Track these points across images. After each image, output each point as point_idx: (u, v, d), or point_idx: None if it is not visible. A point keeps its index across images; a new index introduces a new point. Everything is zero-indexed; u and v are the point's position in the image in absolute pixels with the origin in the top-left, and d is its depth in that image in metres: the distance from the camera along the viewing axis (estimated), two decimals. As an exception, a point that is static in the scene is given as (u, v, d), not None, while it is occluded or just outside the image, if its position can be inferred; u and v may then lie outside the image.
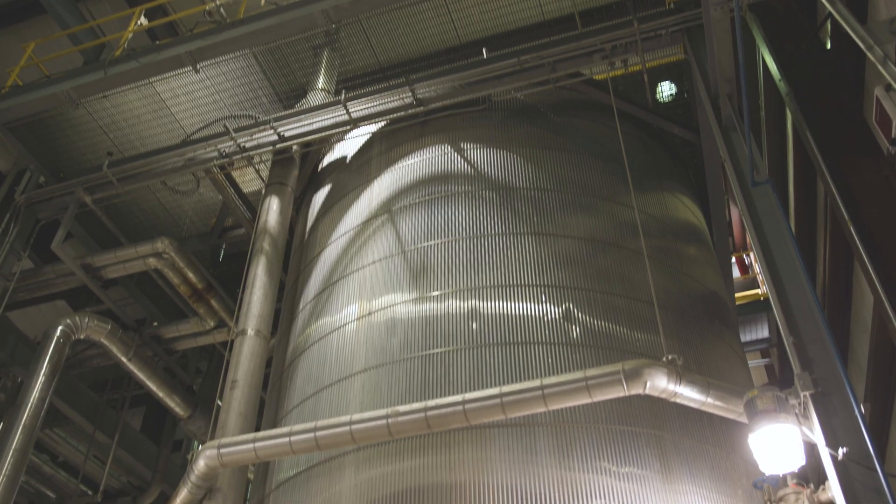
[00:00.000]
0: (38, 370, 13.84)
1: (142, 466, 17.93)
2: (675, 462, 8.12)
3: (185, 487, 8.82)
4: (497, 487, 7.61)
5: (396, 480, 7.97)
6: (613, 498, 7.61)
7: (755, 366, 18.60)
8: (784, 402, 7.04)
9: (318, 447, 7.85)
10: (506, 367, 8.46)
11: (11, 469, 13.19)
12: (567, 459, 7.79)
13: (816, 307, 7.53)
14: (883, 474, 6.49)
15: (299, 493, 8.73)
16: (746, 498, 8.41)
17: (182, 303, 15.83)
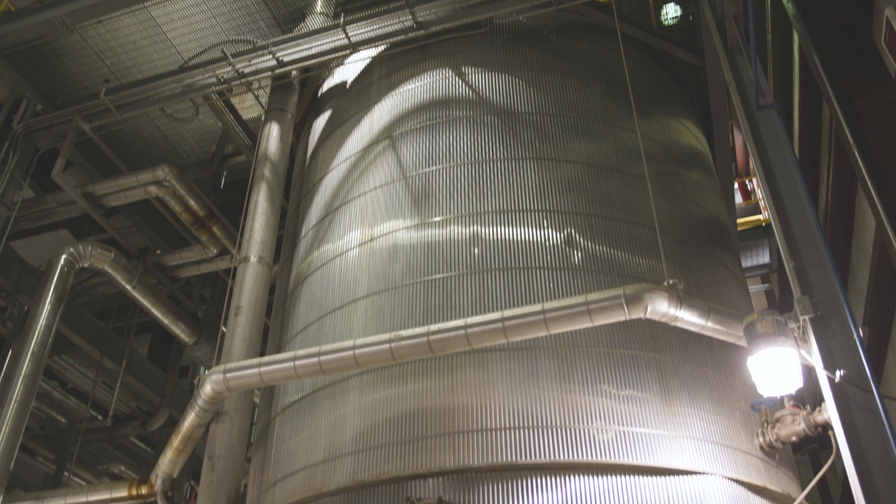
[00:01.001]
0: (44, 298, 13.96)
1: (149, 392, 18.25)
2: (675, 385, 8.24)
3: (192, 411, 8.99)
4: (499, 410, 7.74)
5: (400, 403, 8.10)
6: (613, 420, 7.75)
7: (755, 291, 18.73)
8: (783, 325, 7.11)
9: (322, 371, 7.96)
10: (507, 291, 8.51)
11: (22, 395, 13.43)
12: (568, 382, 7.91)
13: (818, 232, 7.54)
14: (878, 396, 6.59)
15: (304, 416, 8.90)
16: (744, 420, 8.56)
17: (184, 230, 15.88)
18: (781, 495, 8.23)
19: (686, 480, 7.59)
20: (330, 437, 8.37)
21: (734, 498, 7.77)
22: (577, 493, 7.25)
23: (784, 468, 8.73)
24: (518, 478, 7.32)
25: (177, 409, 17.41)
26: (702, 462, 7.79)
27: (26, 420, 13.43)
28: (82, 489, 13.40)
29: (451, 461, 7.50)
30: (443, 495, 7.25)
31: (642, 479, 7.46)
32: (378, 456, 7.84)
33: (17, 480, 15.06)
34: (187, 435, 9.36)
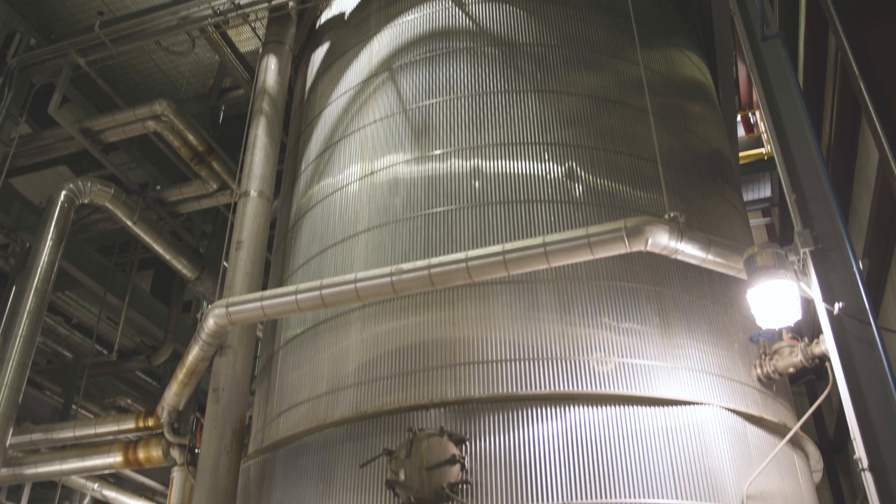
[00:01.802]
0: (46, 235, 13.99)
1: (153, 327, 18.41)
2: (674, 317, 8.31)
3: (196, 345, 9.08)
4: (500, 342, 7.82)
5: (401, 336, 8.18)
6: (613, 351, 7.84)
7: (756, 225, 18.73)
8: (783, 258, 7.12)
9: (323, 305, 8.01)
10: (509, 224, 8.51)
11: (27, 330, 13.57)
12: (568, 315, 7.97)
13: (821, 165, 7.49)
14: (876, 328, 6.63)
15: (307, 349, 9.00)
16: (742, 351, 8.65)
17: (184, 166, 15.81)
18: (778, 425, 8.36)
19: (684, 411, 7.71)
20: (333, 370, 8.48)
21: (731, 428, 7.90)
22: (576, 423, 7.37)
23: (781, 399, 8.86)
24: (518, 408, 7.44)
25: (181, 344, 17.58)
26: (700, 393, 7.91)
27: (32, 355, 13.59)
28: (90, 422, 13.65)
29: (453, 392, 7.61)
30: (445, 425, 7.38)
31: (641, 410, 7.58)
32: (380, 388, 7.95)
33: (27, 413, 15.32)
34: (191, 368, 9.48)
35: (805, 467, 9.01)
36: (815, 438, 9.56)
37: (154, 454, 11.67)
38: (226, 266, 10.21)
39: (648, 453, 7.37)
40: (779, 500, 7.86)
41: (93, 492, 17.29)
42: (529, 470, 7.12)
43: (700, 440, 7.62)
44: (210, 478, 8.32)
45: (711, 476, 7.47)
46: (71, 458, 13.42)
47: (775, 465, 8.02)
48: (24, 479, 14.36)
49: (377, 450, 7.52)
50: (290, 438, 8.44)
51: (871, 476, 6.21)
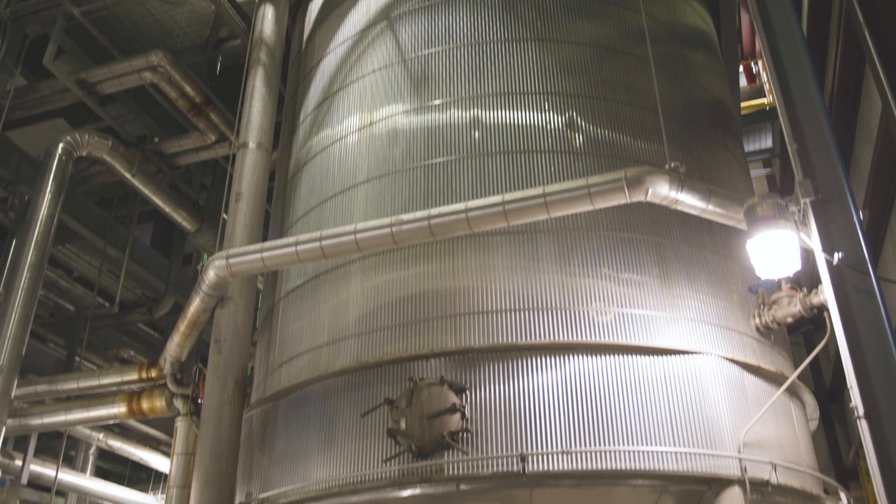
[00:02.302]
0: (44, 187, 13.96)
1: (154, 279, 18.47)
2: (674, 268, 8.33)
3: (197, 297, 9.12)
4: (500, 292, 7.85)
5: (402, 286, 8.21)
6: (612, 302, 7.87)
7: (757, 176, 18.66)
8: (784, 209, 7.11)
9: (323, 256, 8.03)
10: (508, 175, 8.48)
11: (29, 283, 13.61)
12: (568, 265, 7.99)
13: (823, 114, 7.43)
14: (875, 278, 6.65)
15: (308, 300, 9.03)
16: (741, 302, 8.69)
17: (182, 118, 15.70)
18: (775, 374, 8.44)
19: (683, 360, 7.77)
20: (333, 321, 8.52)
21: (729, 377, 7.97)
22: (576, 373, 7.44)
23: (778, 348, 8.92)
24: (518, 358, 7.49)
25: (182, 296, 17.64)
26: (699, 342, 7.96)
27: (35, 307, 13.66)
28: (94, 373, 13.77)
29: (453, 342, 7.66)
30: (445, 375, 7.44)
31: (640, 359, 7.64)
32: (381, 338, 8.00)
33: (31, 365, 15.45)
34: (193, 320, 9.53)
35: (801, 416, 9.11)
36: (811, 387, 9.64)
37: (157, 404, 11.80)
38: (225, 218, 10.20)
39: (647, 402, 7.45)
40: (775, 448, 7.97)
41: (98, 442, 17.53)
42: (529, 418, 7.20)
43: (698, 389, 7.70)
44: (213, 427, 8.42)
45: (709, 424, 7.55)
46: (75, 409, 13.57)
47: (772, 414, 8.11)
48: (30, 430, 14.54)
49: (378, 399, 7.60)
50: (292, 388, 8.52)
51: (866, 424, 6.28)
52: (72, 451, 19.74)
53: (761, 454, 7.70)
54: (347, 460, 7.60)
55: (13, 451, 15.97)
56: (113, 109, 16.31)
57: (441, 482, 7.09)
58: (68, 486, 18.38)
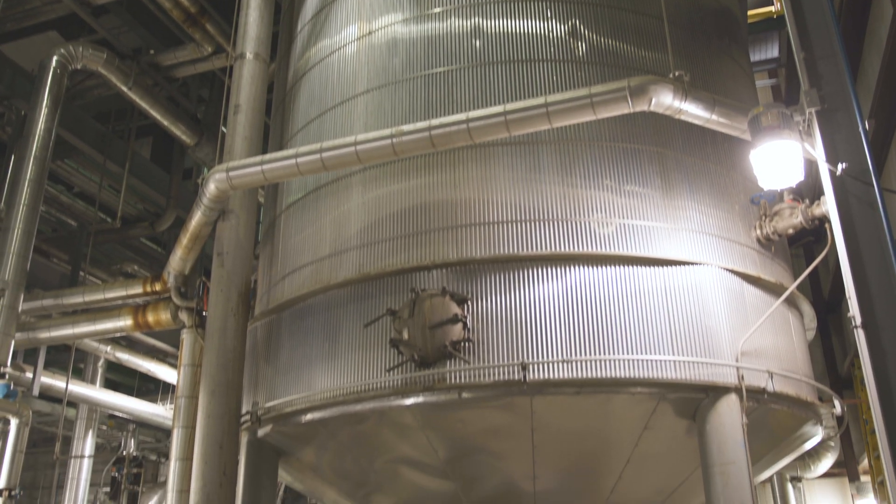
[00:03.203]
0: (40, 101, 13.80)
1: (155, 194, 18.45)
2: (676, 178, 8.29)
3: (198, 210, 9.11)
4: (501, 204, 7.84)
5: (403, 198, 8.19)
6: (614, 213, 7.86)
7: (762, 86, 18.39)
8: (789, 118, 7.03)
9: (324, 168, 7.98)
10: (510, 85, 8.34)
11: (30, 198, 13.61)
12: (570, 176, 7.95)
13: (832, 22, 7.26)
14: (878, 189, 6.62)
15: (309, 213, 9.03)
16: (743, 213, 8.68)
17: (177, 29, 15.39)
18: (774, 285, 8.50)
19: (683, 271, 7.82)
20: (335, 233, 8.54)
21: (729, 287, 8.03)
22: (577, 283, 7.49)
23: (779, 260, 8.96)
24: (519, 269, 7.53)
25: (183, 210, 17.65)
26: (699, 253, 7.99)
27: (37, 223, 13.69)
28: (99, 287, 13.90)
29: (455, 253, 7.69)
30: (447, 286, 7.50)
31: (641, 270, 7.68)
32: (383, 249, 8.03)
33: (36, 281, 15.58)
34: (195, 233, 9.55)
35: (799, 326, 9.22)
36: (810, 299, 9.72)
37: (163, 317, 11.95)
38: (224, 131, 10.10)
39: (647, 312, 7.53)
40: (772, 357, 8.09)
41: (106, 354, 17.83)
42: (530, 328, 7.29)
43: (698, 299, 7.77)
44: (218, 339, 8.53)
45: (708, 334, 7.65)
46: (82, 323, 13.76)
47: (770, 324, 8.20)
48: (39, 343, 14.77)
49: (381, 310, 7.68)
50: (295, 300, 8.60)
51: (863, 333, 6.36)
52: (80, 363, 20.10)
53: (758, 363, 7.83)
54: (351, 370, 7.73)
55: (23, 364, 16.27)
56: (107, 21, 15.97)
57: (443, 391, 7.23)
58: (79, 398, 18.81)
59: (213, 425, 8.19)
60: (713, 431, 7.40)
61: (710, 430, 7.41)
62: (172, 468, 9.79)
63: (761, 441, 8.12)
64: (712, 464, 7.37)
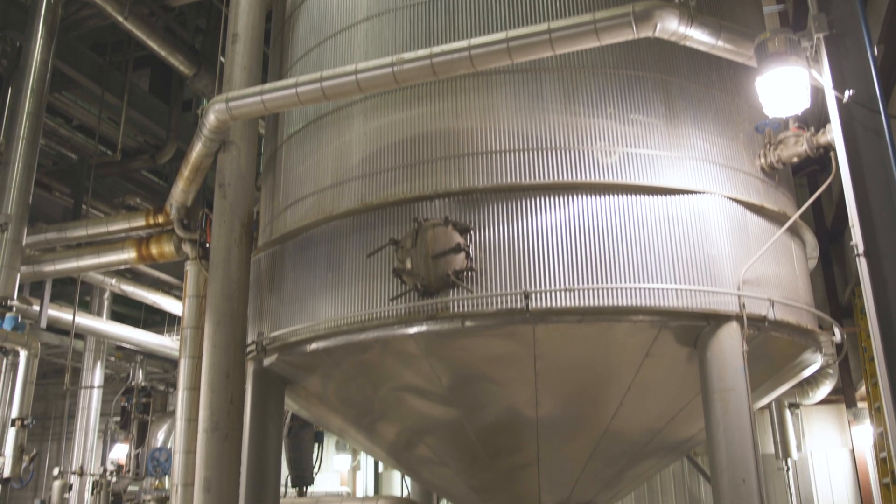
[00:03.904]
0: (35, 32, 13.62)
1: (155, 126, 18.33)
2: (680, 106, 8.19)
3: (198, 141, 9.05)
4: (503, 132, 7.77)
5: (404, 128, 8.12)
6: (617, 141, 7.80)
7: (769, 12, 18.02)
8: (796, 44, 6.92)
9: (324, 97, 7.89)
10: (512, 11, 8.15)
11: (29, 131, 13.54)
12: (572, 104, 7.86)
13: (842, -57, 7.08)
14: (885, 116, 6.57)
15: (310, 143, 8.97)
16: (747, 141, 8.61)
17: (172, -45, 15.05)
18: (778, 214, 8.48)
19: (686, 200, 7.79)
20: (337, 163, 8.49)
21: (732, 216, 8.01)
22: (579, 213, 7.47)
23: (782, 189, 8.93)
24: (522, 198, 7.51)
25: (184, 142, 17.53)
26: (703, 182, 7.95)
27: (37, 156, 13.65)
28: (102, 220, 13.92)
29: (457, 183, 7.66)
30: (449, 215, 7.49)
31: (644, 199, 7.66)
32: (385, 179, 8.00)
33: (39, 214, 15.60)
34: (196, 164, 9.50)
35: (801, 255, 9.24)
36: (812, 228, 9.71)
37: (166, 249, 11.98)
38: (223, 61, 9.97)
39: (650, 241, 7.53)
40: (774, 286, 8.13)
41: (111, 287, 17.97)
42: (533, 257, 7.31)
43: (700, 228, 7.76)
44: (222, 270, 8.58)
45: (710, 262, 7.67)
46: (86, 256, 13.82)
47: (772, 252, 8.22)
48: (44, 276, 14.87)
49: (383, 240, 7.69)
50: (298, 231, 8.61)
51: (865, 262, 6.39)
52: (86, 296, 20.28)
53: (760, 291, 7.86)
54: (354, 300, 7.79)
55: (30, 297, 16.42)
56: (100, -52, 15.60)
57: (446, 319, 7.28)
58: (86, 330, 19.03)
59: (219, 355, 8.30)
60: (714, 359, 7.49)
61: (711, 357, 7.50)
62: (180, 397, 9.94)
63: (761, 368, 8.22)
64: (712, 390, 7.48)
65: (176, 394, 10.39)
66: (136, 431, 16.08)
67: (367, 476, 25.62)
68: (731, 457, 7.33)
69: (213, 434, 8.06)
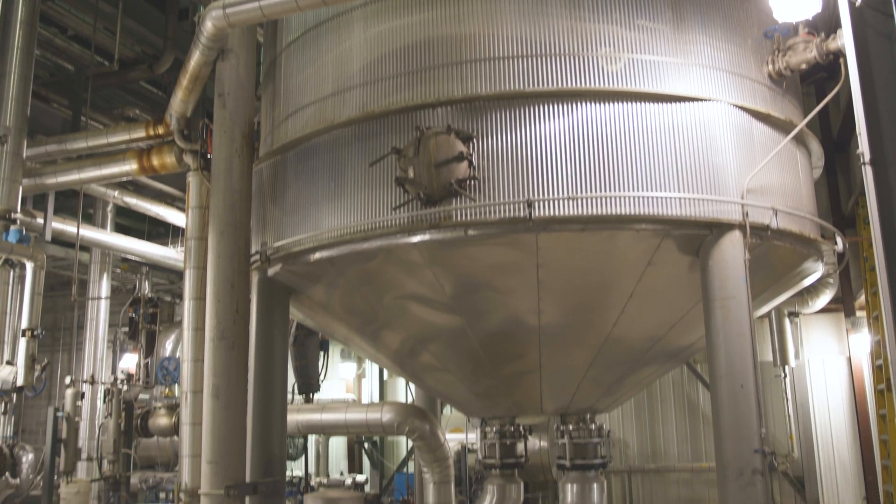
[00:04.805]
0: (25, -64, 13.22)
1: (152, 35, 17.98)
2: (688, 11, 8.00)
3: (196, 50, 8.88)
4: (506, 38, 7.60)
5: (406, 34, 7.94)
6: (623, 48, 7.65)
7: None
8: (809, -56, 6.72)
9: (324, 2, 7.67)
10: None
11: (23, 41, 13.32)
12: (578, 10, 7.66)
13: None
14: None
15: (310, 51, 8.81)
16: (755, 48, 8.45)
17: None
18: (784, 122, 8.39)
19: (692, 107, 7.70)
20: (337, 71, 8.36)
21: (737, 124, 7.93)
22: (584, 120, 7.39)
23: (789, 96, 8.81)
24: (525, 105, 7.42)
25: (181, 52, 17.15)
26: (709, 89, 7.84)
27: (33, 67, 13.45)
28: (101, 132, 13.80)
29: (459, 90, 7.55)
30: (452, 123, 7.41)
31: (649, 107, 7.56)
32: (386, 87, 7.88)
33: (38, 126, 15.47)
34: (194, 74, 9.34)
35: (806, 164, 9.19)
36: (818, 137, 9.62)
37: (168, 160, 11.89)
38: (219, -35, 9.67)
39: (654, 149, 7.48)
40: (777, 194, 8.11)
41: (114, 199, 17.96)
42: (536, 165, 7.26)
43: (705, 136, 7.70)
44: (224, 180, 8.54)
45: (714, 171, 7.64)
46: (88, 168, 13.75)
47: (777, 161, 8.17)
48: (46, 189, 14.84)
49: (385, 149, 7.63)
50: (300, 140, 8.55)
51: (871, 170, 6.35)
52: (90, 209, 20.29)
53: (763, 200, 7.85)
54: (357, 209, 7.79)
55: (33, 210, 16.43)
56: None
57: (449, 228, 7.30)
58: (91, 242, 19.12)
59: (223, 265, 8.35)
60: (715, 267, 7.53)
61: (713, 265, 7.55)
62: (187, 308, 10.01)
63: (762, 277, 8.27)
64: (713, 298, 7.56)
65: (182, 304, 10.49)
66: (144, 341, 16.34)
67: (373, 383, 26.18)
68: (730, 363, 7.46)
69: (219, 343, 8.18)
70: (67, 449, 12.35)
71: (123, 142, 12.98)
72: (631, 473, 22.20)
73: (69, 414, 12.53)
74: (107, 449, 12.22)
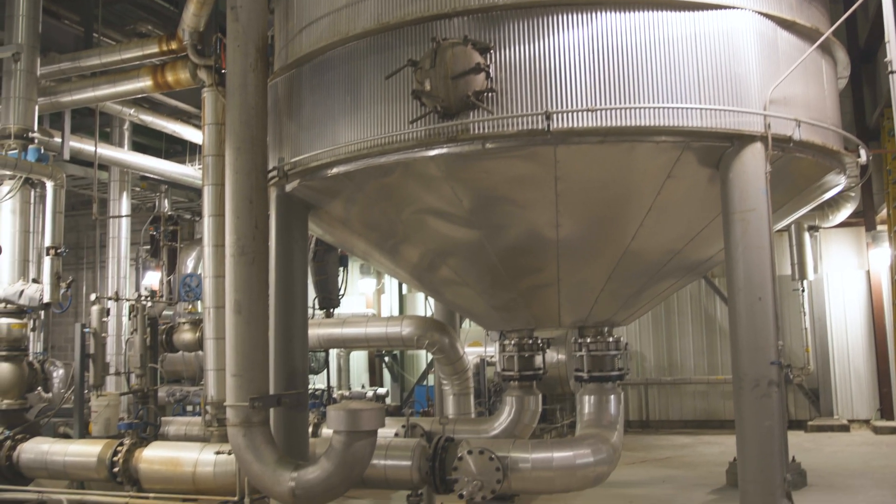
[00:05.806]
0: None
1: (162, -53, 17.60)
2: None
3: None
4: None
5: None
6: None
7: None
8: None
9: None
10: None
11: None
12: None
13: None
14: None
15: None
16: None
17: None
18: (810, 30, 8.17)
19: (715, 15, 7.50)
20: (351, -20, 8.17)
21: (761, 33, 7.73)
22: (603, 30, 7.22)
23: (816, 3, 8.55)
24: (543, 15, 7.23)
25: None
26: (732, -5, 7.61)
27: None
28: (115, 48, 13.71)
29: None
30: (468, 34, 7.26)
31: (670, 15, 7.36)
32: (401, -3, 7.71)
33: (51, 44, 15.34)
34: (206, -14, 9.20)
35: (832, 74, 8.98)
36: (845, 45, 9.35)
37: (182, 76, 11.82)
38: None
39: (674, 60, 7.31)
40: (801, 106, 7.95)
41: (130, 116, 17.93)
42: (554, 77, 7.13)
43: (728, 46, 7.51)
44: (239, 95, 8.47)
45: (737, 81, 7.48)
46: (103, 85, 13.73)
47: (802, 71, 7.98)
48: (62, 107, 14.84)
49: (402, 61, 7.51)
50: (314, 53, 8.42)
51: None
52: (106, 128, 20.28)
53: (786, 111, 7.71)
54: (374, 123, 7.72)
55: (51, 128, 16.45)
56: None
57: (467, 141, 7.23)
58: (109, 160, 19.19)
59: (241, 181, 8.35)
60: (736, 179, 7.46)
61: (733, 177, 7.47)
62: (206, 224, 10.11)
63: (783, 190, 8.19)
64: (733, 211, 7.51)
65: (202, 221, 10.57)
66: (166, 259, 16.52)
67: (392, 298, 26.50)
68: (749, 276, 7.46)
69: (240, 258, 8.26)
70: (96, 364, 12.67)
71: (137, 58, 12.90)
72: (647, 386, 22.58)
73: (96, 330, 12.81)
74: (134, 364, 12.50)
